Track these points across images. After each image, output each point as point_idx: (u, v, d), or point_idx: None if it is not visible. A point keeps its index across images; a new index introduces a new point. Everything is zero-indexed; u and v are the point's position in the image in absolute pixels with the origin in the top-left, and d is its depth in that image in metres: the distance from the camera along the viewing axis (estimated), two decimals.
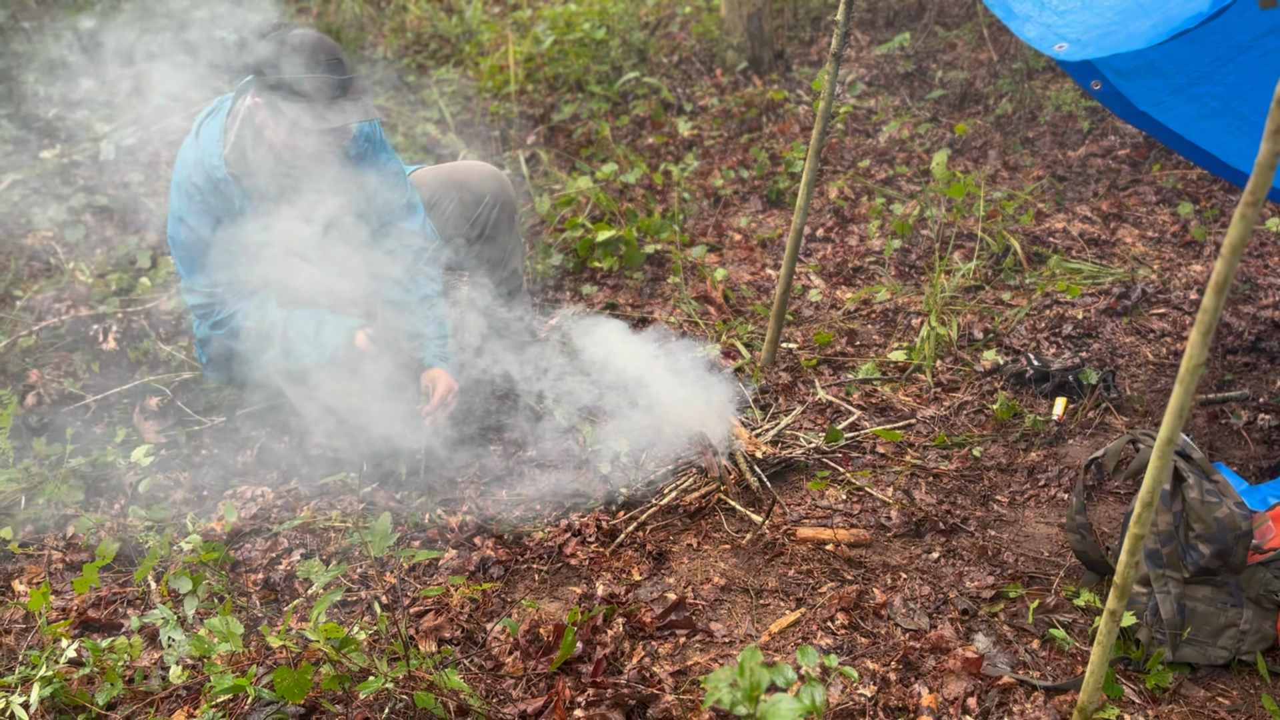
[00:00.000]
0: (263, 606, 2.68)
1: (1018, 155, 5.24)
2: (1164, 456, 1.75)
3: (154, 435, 3.40)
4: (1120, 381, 3.50)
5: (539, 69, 6.16)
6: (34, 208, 4.75)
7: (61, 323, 3.90)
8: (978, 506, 2.97)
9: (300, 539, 2.94)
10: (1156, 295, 4.01)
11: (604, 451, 3.17)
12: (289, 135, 2.91)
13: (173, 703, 2.32)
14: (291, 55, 2.79)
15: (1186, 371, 1.66)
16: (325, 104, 2.83)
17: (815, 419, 3.38)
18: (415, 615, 2.59)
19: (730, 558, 2.78)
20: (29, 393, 3.47)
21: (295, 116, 2.83)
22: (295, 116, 2.83)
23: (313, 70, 2.80)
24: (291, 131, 2.89)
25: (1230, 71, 2.89)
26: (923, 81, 6.02)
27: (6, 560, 2.89)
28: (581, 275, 4.43)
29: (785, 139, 5.48)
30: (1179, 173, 4.92)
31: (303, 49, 2.80)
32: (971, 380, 3.57)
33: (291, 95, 2.81)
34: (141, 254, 4.44)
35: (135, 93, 4.45)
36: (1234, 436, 3.22)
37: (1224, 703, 2.26)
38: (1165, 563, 2.33)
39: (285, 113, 2.84)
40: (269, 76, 2.82)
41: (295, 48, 2.80)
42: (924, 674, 2.33)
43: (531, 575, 2.76)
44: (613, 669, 2.36)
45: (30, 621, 2.63)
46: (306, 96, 2.81)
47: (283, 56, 2.80)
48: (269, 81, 2.83)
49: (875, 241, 4.58)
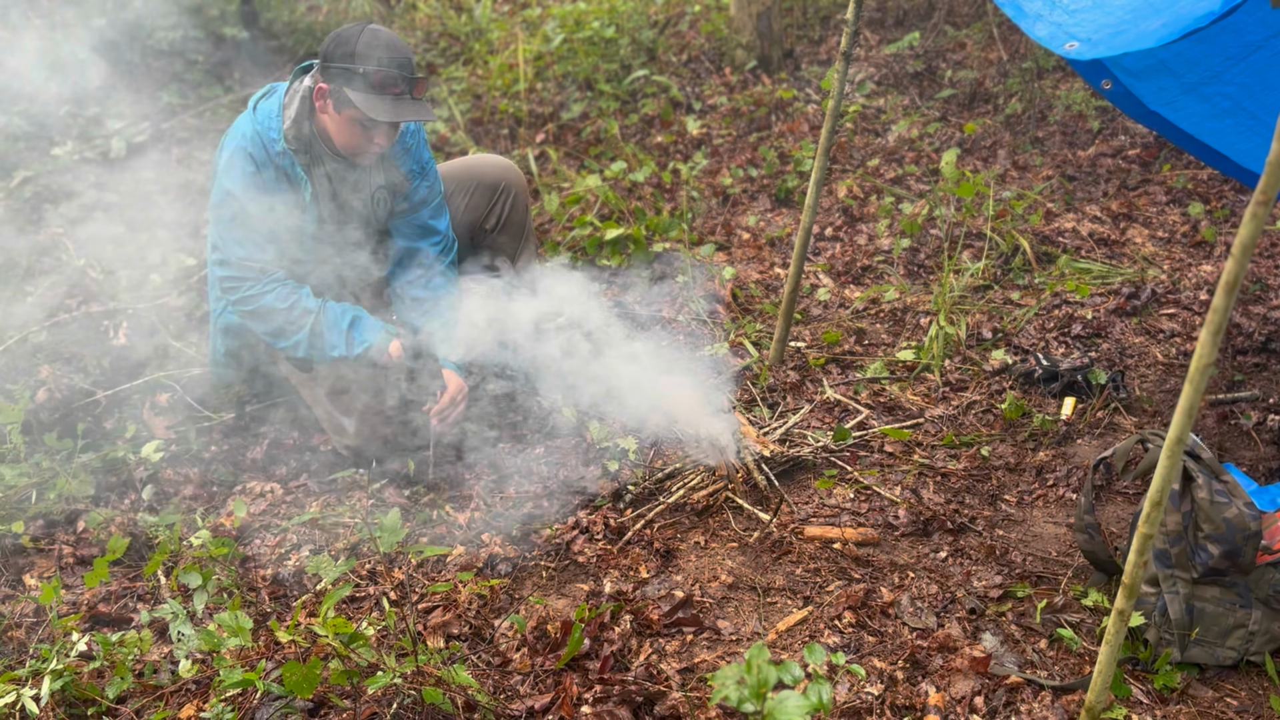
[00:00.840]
0: (271, 602, 2.70)
1: (1027, 155, 5.23)
2: (1173, 456, 1.75)
3: (164, 431, 3.41)
4: (1129, 381, 3.49)
5: (548, 67, 6.17)
6: (46, 204, 4.77)
7: (73, 319, 3.92)
8: (986, 506, 2.97)
9: (309, 534, 2.95)
10: (1166, 295, 4.00)
11: (612, 449, 3.18)
12: (347, 124, 2.95)
13: (182, 697, 2.34)
14: (369, 47, 2.87)
15: (1196, 371, 1.66)
16: (392, 99, 2.89)
17: (823, 418, 3.38)
18: (423, 611, 2.60)
19: (738, 556, 2.78)
20: (40, 388, 3.49)
21: (362, 104, 2.87)
22: (362, 104, 2.87)
23: (384, 65, 2.87)
24: (351, 120, 2.94)
25: (1241, 71, 2.88)
26: (932, 81, 6.01)
27: (18, 554, 2.91)
28: (589, 274, 4.44)
29: (794, 138, 5.47)
30: (1189, 173, 4.90)
31: (378, 44, 2.88)
32: (980, 380, 3.57)
33: (360, 84, 2.87)
34: (152, 251, 4.46)
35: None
36: (1244, 437, 3.21)
37: (1232, 703, 2.26)
38: (1174, 563, 2.32)
39: (352, 100, 2.88)
40: (343, 63, 2.88)
41: (373, 41, 2.88)
42: (931, 673, 2.33)
43: (539, 572, 2.77)
44: (620, 666, 2.37)
45: (41, 615, 2.64)
46: (374, 89, 2.87)
47: (360, 46, 2.87)
48: (342, 68, 2.88)
49: (884, 240, 4.57)
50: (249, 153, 2.98)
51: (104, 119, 5.41)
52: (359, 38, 2.89)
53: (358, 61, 2.86)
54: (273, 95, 3.07)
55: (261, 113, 3.01)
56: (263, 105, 3.04)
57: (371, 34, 2.90)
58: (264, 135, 2.97)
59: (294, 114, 3.00)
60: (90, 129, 5.36)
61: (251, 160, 2.98)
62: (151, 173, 5.11)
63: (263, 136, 2.98)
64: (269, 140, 2.97)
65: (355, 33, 2.90)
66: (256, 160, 2.98)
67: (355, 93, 2.88)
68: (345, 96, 2.89)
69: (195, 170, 5.22)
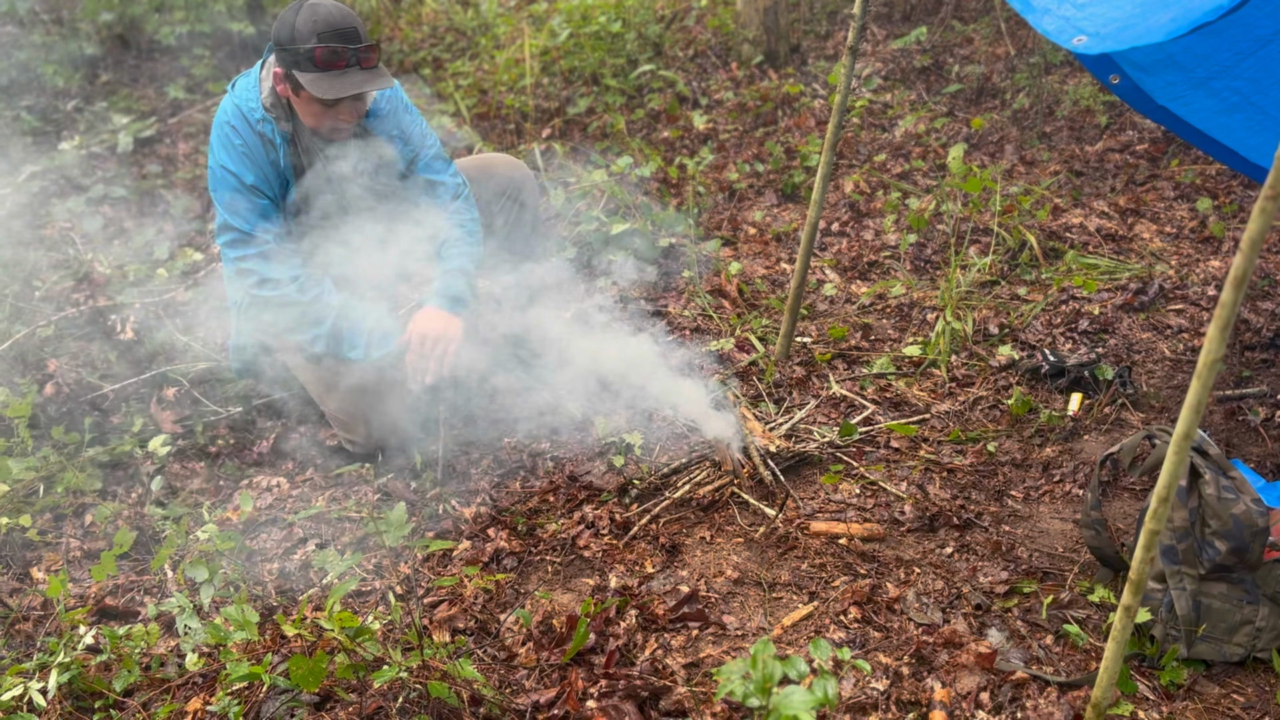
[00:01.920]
0: (278, 596, 2.70)
1: (1034, 150, 5.22)
2: (1180, 451, 1.74)
3: (171, 425, 3.42)
4: (1136, 377, 3.48)
5: (554, 62, 6.17)
6: (53, 198, 4.78)
7: (80, 313, 3.93)
8: (992, 502, 2.96)
9: (315, 529, 2.95)
10: (1174, 291, 3.98)
11: (618, 444, 3.18)
12: (306, 105, 2.95)
13: (189, 690, 2.34)
14: (307, 24, 2.84)
15: (1204, 366, 1.65)
16: (338, 74, 2.86)
17: (829, 413, 3.38)
18: (429, 605, 2.60)
19: (743, 551, 2.78)
20: (47, 382, 3.50)
21: (309, 85, 2.86)
22: (309, 85, 2.86)
23: (325, 40, 2.83)
24: (310, 100, 2.92)
25: (1251, 66, 2.87)
26: (939, 76, 6.00)
27: (25, 548, 2.92)
28: (596, 268, 4.43)
29: (801, 133, 5.46)
30: (1198, 168, 4.88)
31: (317, 18, 2.84)
32: (986, 375, 3.56)
33: (305, 65, 2.85)
34: (159, 245, 4.47)
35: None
36: (1252, 433, 3.20)
37: (1239, 700, 2.25)
38: (1181, 559, 2.32)
39: (300, 81, 2.87)
40: (288, 46, 2.86)
41: (311, 17, 2.85)
42: (937, 668, 2.32)
43: (545, 567, 2.77)
44: (625, 660, 2.37)
45: (49, 608, 2.65)
46: (319, 67, 2.84)
47: (298, 26, 2.84)
48: (287, 50, 2.87)
49: (890, 236, 4.56)
50: (232, 125, 2.99)
51: (111, 114, 5.42)
52: (296, 16, 2.85)
53: (298, 41, 2.84)
54: (250, 73, 3.07)
55: (240, 88, 3.03)
56: (240, 81, 3.06)
57: (309, 9, 2.86)
58: (243, 107, 2.99)
59: (270, 85, 3.00)
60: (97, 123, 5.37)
61: (236, 132, 2.99)
62: (158, 167, 5.11)
63: (242, 108, 2.99)
64: (249, 110, 2.98)
65: (293, 12, 2.87)
66: (240, 130, 2.98)
67: (303, 74, 2.85)
68: (296, 79, 2.88)
69: (201, 165, 5.23)
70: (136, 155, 5.14)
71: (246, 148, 2.99)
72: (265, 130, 3.00)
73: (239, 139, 2.99)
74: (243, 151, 2.99)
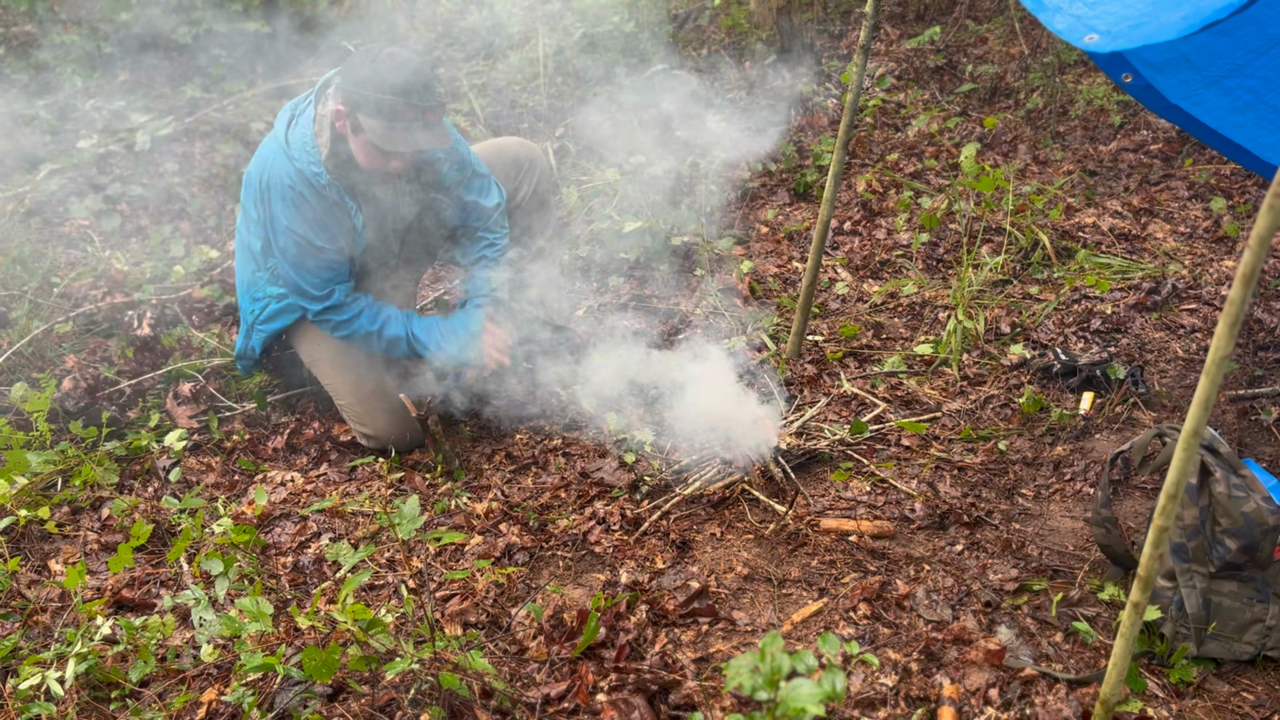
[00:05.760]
0: (292, 588, 2.73)
1: (1048, 150, 5.20)
2: (1189, 449, 1.74)
3: (187, 420, 3.45)
4: (1148, 377, 3.48)
5: (568, 61, 6.18)
6: (71, 196, 4.82)
7: (98, 309, 3.97)
8: (1002, 500, 2.97)
9: (329, 523, 2.98)
10: (1187, 291, 3.97)
11: (629, 441, 3.19)
12: (363, 146, 2.96)
13: (204, 680, 2.37)
14: (382, 72, 2.84)
15: (1213, 363, 1.66)
16: (403, 126, 2.87)
17: (840, 411, 3.39)
18: (441, 599, 2.62)
19: (753, 547, 2.79)
20: (65, 377, 3.54)
21: (370, 131, 2.88)
22: (370, 131, 2.88)
23: (398, 93, 2.84)
24: (367, 144, 2.94)
25: (1264, 64, 2.86)
26: (952, 75, 5.99)
27: (43, 540, 2.95)
28: (609, 266, 4.45)
29: (813, 132, 5.46)
30: (1212, 167, 4.86)
31: (392, 68, 2.85)
32: (998, 374, 3.56)
33: (370, 110, 2.86)
34: (175, 243, 4.51)
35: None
36: (1264, 433, 3.19)
37: (1248, 698, 2.25)
38: (1191, 557, 2.32)
39: (362, 124, 2.89)
40: (356, 87, 2.87)
41: (387, 66, 2.85)
42: (946, 665, 2.33)
43: (556, 562, 2.79)
44: (635, 655, 2.38)
45: (66, 600, 2.68)
46: (384, 116, 2.85)
47: (376, 71, 2.85)
48: (355, 91, 2.87)
49: (903, 235, 4.56)
50: (298, 191, 2.99)
51: (128, 113, 5.46)
52: (375, 61, 2.86)
53: (370, 86, 2.85)
54: (299, 122, 3.03)
55: (295, 146, 2.99)
56: (294, 136, 3.01)
57: (390, 57, 2.87)
58: (306, 172, 2.97)
59: (327, 141, 2.99)
60: (115, 122, 5.41)
61: (304, 199, 2.99)
62: (175, 165, 5.16)
63: (305, 173, 2.97)
64: (312, 175, 2.97)
65: (373, 55, 2.88)
66: (307, 197, 2.99)
67: (366, 118, 2.87)
68: (359, 121, 2.89)
69: (218, 164, 5.26)
70: (154, 154, 5.18)
71: (315, 212, 3.01)
72: (332, 194, 3.01)
73: (306, 204, 3.00)
74: (312, 216, 3.02)
